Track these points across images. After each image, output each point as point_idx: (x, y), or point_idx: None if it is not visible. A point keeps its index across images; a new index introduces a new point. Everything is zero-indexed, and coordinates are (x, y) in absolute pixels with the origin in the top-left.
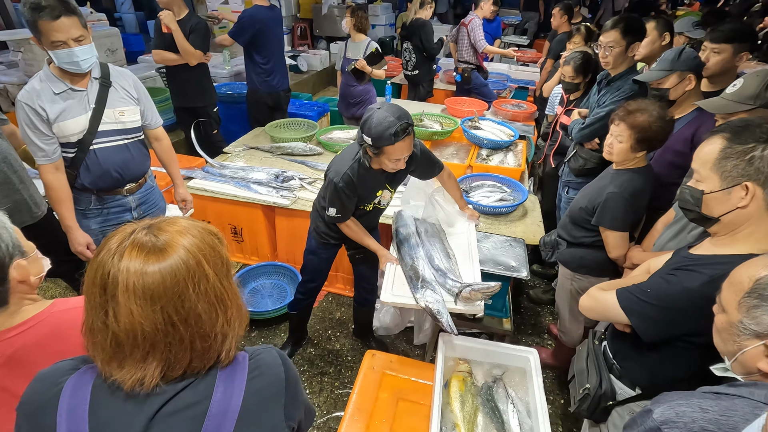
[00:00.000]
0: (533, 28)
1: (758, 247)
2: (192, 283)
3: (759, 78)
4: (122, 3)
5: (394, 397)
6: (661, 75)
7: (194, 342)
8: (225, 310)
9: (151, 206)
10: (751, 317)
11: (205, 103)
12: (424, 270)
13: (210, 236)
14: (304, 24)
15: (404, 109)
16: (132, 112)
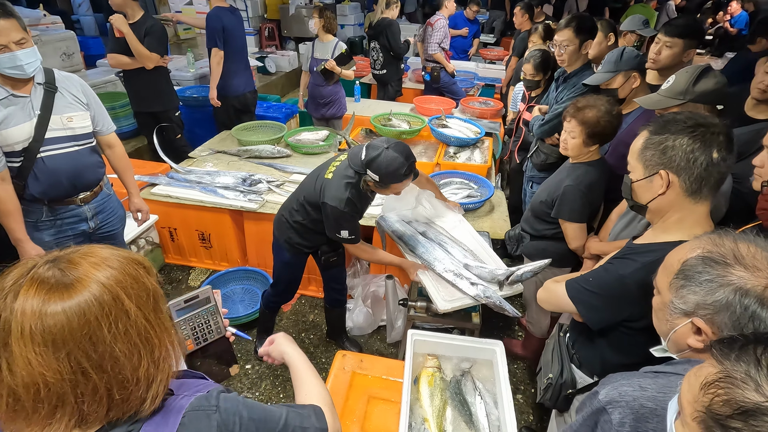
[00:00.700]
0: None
1: (688, 234)
2: (107, 322)
3: (688, 74)
4: (79, 5)
5: (365, 396)
6: (608, 77)
7: (111, 390)
8: (151, 351)
9: (110, 215)
10: (679, 297)
11: (165, 108)
12: (460, 268)
13: (133, 266)
14: (272, 25)
15: (407, 146)
16: (81, 117)
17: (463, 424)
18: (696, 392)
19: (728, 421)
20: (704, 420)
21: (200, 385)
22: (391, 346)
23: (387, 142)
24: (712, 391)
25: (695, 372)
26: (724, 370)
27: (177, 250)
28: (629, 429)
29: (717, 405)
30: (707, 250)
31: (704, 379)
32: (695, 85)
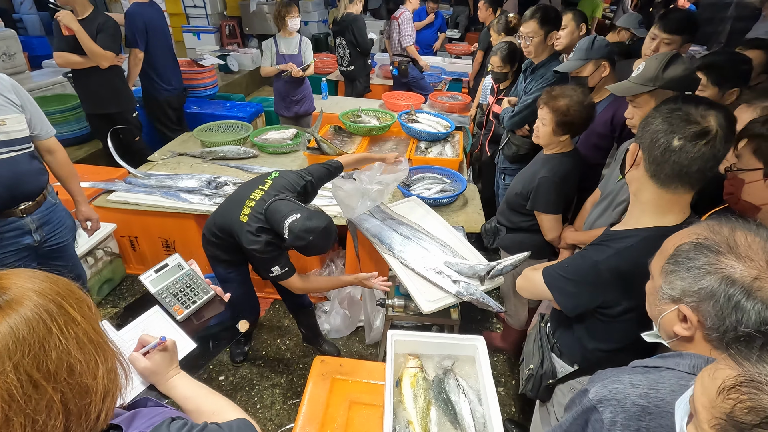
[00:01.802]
0: (464, 22)
1: (660, 220)
2: (56, 326)
3: (657, 61)
4: (21, 2)
5: (346, 402)
6: (578, 65)
7: (68, 402)
8: (105, 358)
9: (56, 226)
10: (668, 282)
11: (121, 109)
12: (441, 266)
13: (65, 283)
14: (232, 22)
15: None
16: (15, 120)
17: (449, 424)
18: (713, 396)
19: (755, 430)
20: (725, 428)
21: (156, 416)
22: (371, 347)
23: (301, 211)
24: (733, 397)
25: (710, 373)
26: (745, 374)
27: (139, 259)
28: (621, 428)
29: (740, 412)
30: (702, 236)
31: (722, 382)
32: (665, 72)
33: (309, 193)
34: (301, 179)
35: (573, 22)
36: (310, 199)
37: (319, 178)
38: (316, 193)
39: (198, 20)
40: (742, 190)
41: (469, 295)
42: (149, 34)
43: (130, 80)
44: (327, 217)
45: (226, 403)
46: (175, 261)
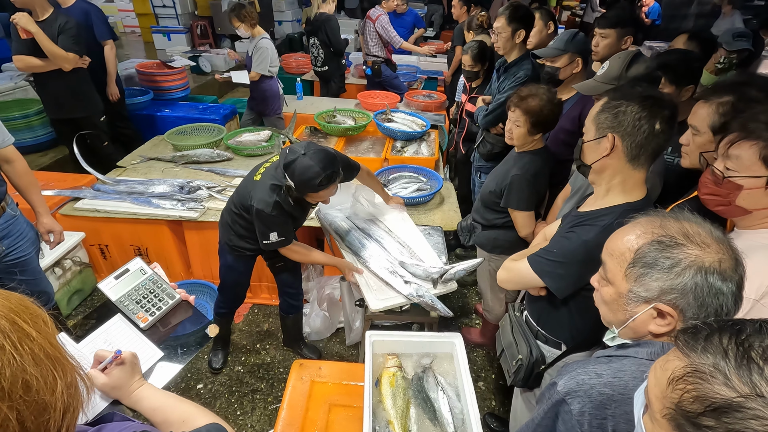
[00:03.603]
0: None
1: (629, 196)
2: (9, 342)
3: (620, 60)
4: None
5: (326, 405)
6: (555, 53)
7: (25, 419)
8: (63, 373)
9: (18, 239)
10: (640, 285)
11: (87, 113)
12: (395, 266)
13: (17, 298)
14: (204, 22)
15: (331, 153)
16: None
17: (428, 422)
18: (664, 387)
19: (700, 418)
20: (674, 417)
21: (122, 430)
22: (352, 348)
23: (307, 147)
24: (680, 387)
25: (662, 365)
26: (691, 364)
27: (111, 268)
28: (589, 417)
29: (687, 402)
30: (657, 234)
31: (671, 373)
32: (628, 71)
33: None
34: None
35: (541, 21)
36: None
37: (342, 159)
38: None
39: (168, 20)
40: (737, 196)
41: (418, 297)
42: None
43: (113, 73)
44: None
45: (196, 409)
46: (136, 266)
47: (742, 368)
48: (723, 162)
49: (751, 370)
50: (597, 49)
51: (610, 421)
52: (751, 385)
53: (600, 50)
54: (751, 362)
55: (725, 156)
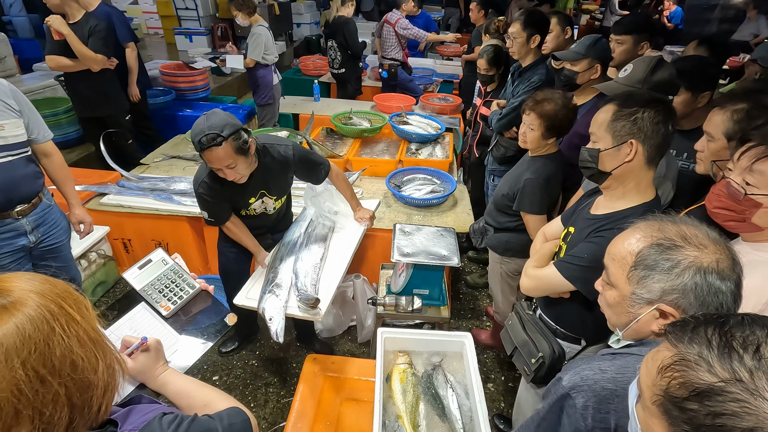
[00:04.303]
0: (455, 24)
1: (642, 197)
2: (59, 325)
3: (645, 64)
4: (11, 5)
5: (338, 398)
6: (576, 57)
7: (73, 395)
8: (104, 354)
9: (51, 227)
10: (642, 287)
11: (112, 112)
12: (284, 274)
13: (63, 285)
14: (224, 24)
15: (227, 118)
16: (13, 125)
17: (437, 418)
18: (654, 376)
19: (685, 403)
20: (663, 403)
21: (149, 411)
22: (363, 345)
23: (212, 111)
24: (668, 375)
25: (652, 356)
26: (678, 353)
27: (132, 261)
28: (592, 411)
29: (674, 388)
30: (656, 237)
31: (661, 362)
32: (653, 75)
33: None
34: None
35: (558, 26)
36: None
37: (303, 157)
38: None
39: (190, 22)
40: (754, 214)
41: (262, 308)
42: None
43: (133, 76)
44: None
45: (217, 394)
46: (158, 256)
47: (724, 356)
48: (742, 176)
49: (732, 358)
50: (613, 54)
51: (613, 416)
52: (731, 371)
53: (616, 56)
54: (732, 351)
55: (748, 170)
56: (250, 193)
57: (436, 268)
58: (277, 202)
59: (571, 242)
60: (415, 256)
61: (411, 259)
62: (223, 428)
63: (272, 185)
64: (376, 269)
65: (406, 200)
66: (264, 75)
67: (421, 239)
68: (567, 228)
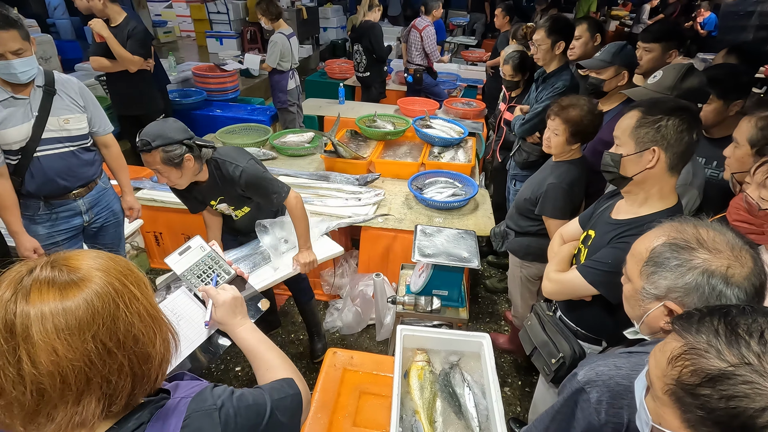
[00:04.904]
0: (481, 29)
1: (665, 203)
2: (122, 302)
3: (675, 71)
4: (55, 8)
5: (356, 392)
6: (602, 65)
7: (134, 366)
8: (160, 328)
9: (104, 209)
10: (650, 282)
11: (147, 111)
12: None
13: (123, 261)
14: (254, 28)
15: (167, 129)
16: (77, 119)
17: (453, 415)
18: (664, 367)
19: (697, 389)
20: (675, 392)
21: (195, 386)
22: (381, 344)
23: (165, 121)
24: (679, 364)
25: (660, 348)
26: (687, 343)
27: (162, 254)
28: (606, 406)
29: (685, 376)
30: (672, 237)
31: (670, 353)
32: (683, 82)
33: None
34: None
35: (588, 32)
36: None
37: (251, 181)
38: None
39: (221, 26)
40: None
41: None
42: None
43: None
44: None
45: (281, 361)
46: (197, 243)
47: (732, 343)
48: (758, 191)
49: (740, 344)
50: (640, 62)
51: (626, 411)
52: (740, 356)
53: (644, 64)
54: (738, 338)
55: (762, 185)
56: (210, 196)
57: (456, 270)
58: (237, 211)
59: (592, 246)
60: (435, 257)
61: (431, 260)
62: (272, 402)
63: (226, 196)
64: (396, 269)
65: (427, 202)
66: (279, 80)
67: (441, 241)
68: (586, 231)
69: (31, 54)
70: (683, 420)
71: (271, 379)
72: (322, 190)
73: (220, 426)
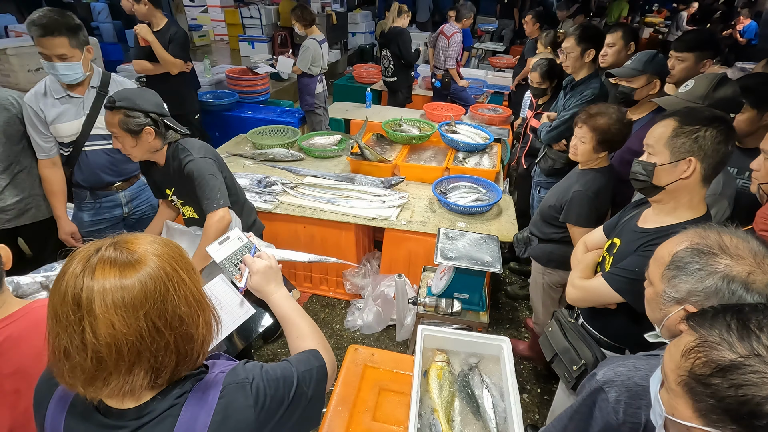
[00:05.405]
0: (509, 35)
1: (694, 213)
2: (171, 286)
3: (708, 80)
4: (99, 12)
5: (376, 388)
6: (633, 74)
7: (179, 345)
8: (203, 312)
9: (143, 202)
10: (671, 286)
11: (185, 111)
12: None
13: (176, 247)
14: (284, 32)
15: (138, 97)
16: None
17: (471, 415)
18: (678, 359)
19: (709, 379)
20: (687, 383)
21: (230, 364)
22: (400, 344)
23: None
24: (692, 356)
25: (675, 343)
26: (700, 337)
27: None
28: (624, 406)
29: (698, 367)
30: (695, 242)
31: (684, 347)
32: (715, 91)
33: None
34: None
35: (622, 40)
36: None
37: (191, 176)
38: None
39: (253, 30)
40: None
41: None
42: None
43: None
44: None
45: (311, 331)
46: (236, 234)
47: (743, 337)
48: None
49: (750, 337)
50: (673, 72)
51: (644, 411)
52: (750, 348)
53: (676, 73)
54: (750, 332)
55: None
56: (164, 183)
57: (477, 273)
58: (184, 207)
59: (617, 254)
60: (457, 260)
61: (454, 263)
62: (298, 374)
63: (176, 188)
64: (417, 272)
65: (450, 206)
66: (308, 83)
67: (464, 244)
68: (611, 239)
69: (78, 60)
70: (695, 409)
71: (300, 347)
72: (348, 191)
73: (252, 397)
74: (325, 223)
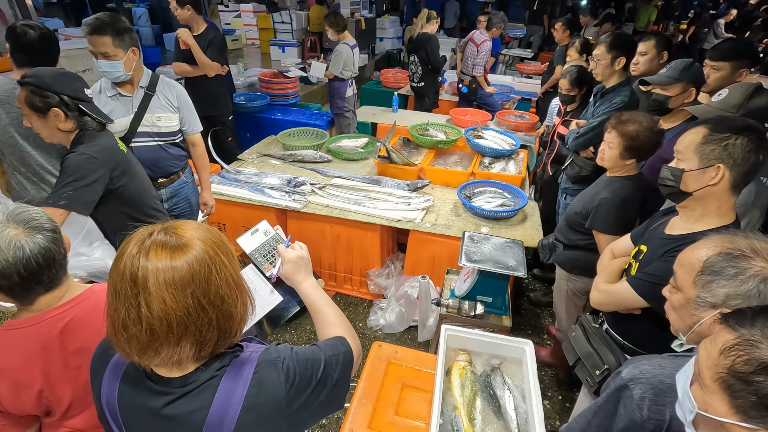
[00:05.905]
0: (537, 42)
1: (722, 221)
2: (214, 268)
3: (742, 89)
4: (140, 17)
5: (399, 384)
6: (669, 82)
7: (220, 322)
8: (241, 293)
9: (182, 200)
10: (707, 291)
11: (219, 112)
12: None
13: (217, 233)
14: (314, 37)
15: (56, 74)
16: (168, 118)
17: (492, 415)
18: (715, 357)
19: (751, 376)
20: (726, 380)
21: (262, 346)
22: (422, 345)
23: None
24: (733, 354)
25: (711, 340)
26: (740, 336)
27: None
28: (649, 403)
29: (740, 365)
30: (726, 247)
31: (722, 345)
32: (750, 101)
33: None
34: None
35: (654, 49)
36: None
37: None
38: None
39: (284, 35)
40: None
41: None
42: None
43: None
44: None
45: (339, 319)
46: (264, 226)
47: None
48: None
49: None
50: (708, 80)
51: (669, 409)
52: None
53: (711, 82)
54: None
55: None
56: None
57: (501, 277)
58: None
59: (644, 261)
60: (482, 263)
61: (478, 266)
62: (325, 359)
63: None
64: (440, 274)
65: (475, 211)
66: (339, 87)
67: (489, 248)
68: (638, 246)
69: (120, 60)
70: (732, 406)
71: (327, 335)
72: (374, 193)
73: (283, 375)
74: (351, 224)
